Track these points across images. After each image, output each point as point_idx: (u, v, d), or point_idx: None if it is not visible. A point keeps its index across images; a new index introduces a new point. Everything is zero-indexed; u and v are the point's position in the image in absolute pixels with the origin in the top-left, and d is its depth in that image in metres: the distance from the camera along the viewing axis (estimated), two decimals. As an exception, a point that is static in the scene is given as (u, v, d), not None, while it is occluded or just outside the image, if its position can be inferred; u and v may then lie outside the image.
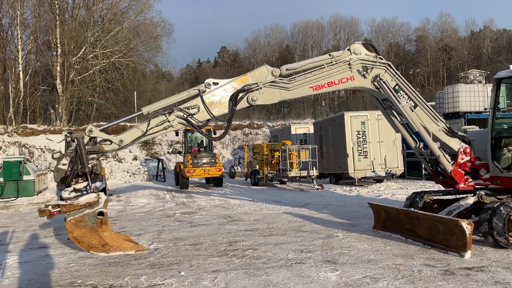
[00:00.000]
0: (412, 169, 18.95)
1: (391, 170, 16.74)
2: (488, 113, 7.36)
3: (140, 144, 27.23)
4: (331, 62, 6.93)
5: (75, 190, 5.39)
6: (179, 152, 20.95)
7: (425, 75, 57.10)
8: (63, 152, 20.91)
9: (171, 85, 56.41)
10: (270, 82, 6.62)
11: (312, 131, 21.61)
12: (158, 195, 16.42)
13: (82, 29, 31.95)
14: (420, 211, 6.91)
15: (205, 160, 18.15)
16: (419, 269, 5.28)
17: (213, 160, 18.30)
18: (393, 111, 7.63)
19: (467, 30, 64.80)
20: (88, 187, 5.44)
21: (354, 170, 16.76)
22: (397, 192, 13.77)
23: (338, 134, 17.58)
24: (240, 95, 6.45)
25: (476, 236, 6.50)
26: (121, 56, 32.24)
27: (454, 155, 7.28)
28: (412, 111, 7.17)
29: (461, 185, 7.20)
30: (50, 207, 5.22)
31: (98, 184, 5.60)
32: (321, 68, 6.86)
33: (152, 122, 6.17)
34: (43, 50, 31.97)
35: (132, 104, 31.83)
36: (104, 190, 14.60)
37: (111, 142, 5.94)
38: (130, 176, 24.63)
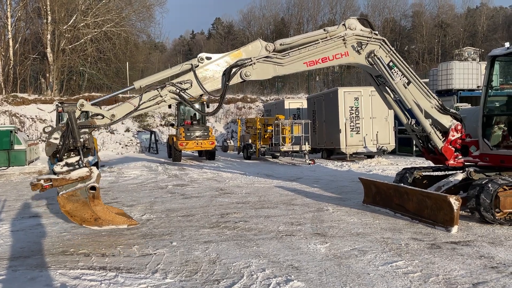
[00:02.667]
0: (403, 146, 19.11)
1: (382, 146, 16.86)
2: (480, 91, 7.39)
3: (132, 116, 27.03)
4: (326, 38, 6.85)
5: (67, 164, 5.37)
6: (172, 125, 20.88)
7: (419, 52, 56.84)
8: (53, 123, 20.69)
9: (164, 56, 55.62)
10: (264, 57, 6.53)
11: (305, 106, 21.57)
12: (150, 167, 16.45)
13: (72, -4, 31.10)
14: (410, 187, 7.02)
15: (197, 133, 18.11)
16: (407, 243, 5.39)
17: (205, 133, 18.28)
18: (386, 87, 7.63)
19: (463, 7, 64.45)
20: (80, 162, 5.41)
21: (346, 146, 16.85)
22: (388, 168, 13.92)
23: (331, 110, 17.58)
24: (234, 70, 6.37)
25: (463, 212, 6.63)
26: (113, 25, 31.57)
27: (445, 132, 7.34)
28: (406, 87, 7.17)
29: (451, 161, 7.30)
30: (42, 181, 5.21)
31: (90, 158, 5.59)
32: (315, 44, 6.78)
33: (144, 96, 6.11)
34: (33, 17, 31.23)
35: (124, 75, 31.43)
36: (96, 163, 14.58)
37: (103, 116, 5.89)
38: (122, 147, 24.57)
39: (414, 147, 17.68)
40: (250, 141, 19.90)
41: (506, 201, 6.05)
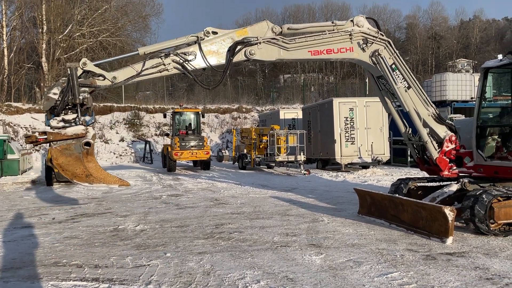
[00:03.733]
0: (398, 156, 19.17)
1: (377, 157, 16.89)
2: (474, 102, 7.45)
3: (127, 126, 26.98)
4: (333, 30, 6.98)
5: (64, 120, 5.31)
6: (167, 135, 20.84)
7: (414, 63, 57.27)
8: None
9: (160, 66, 55.65)
10: (271, 38, 6.60)
11: (300, 116, 21.63)
12: (145, 177, 16.37)
13: (68, 6, 31.16)
14: (405, 197, 7.01)
15: (192, 143, 18.08)
16: (402, 254, 5.38)
17: (201, 143, 18.25)
18: (388, 93, 7.66)
19: (457, 19, 65.06)
20: (77, 119, 5.34)
21: (341, 156, 16.88)
22: (383, 179, 13.94)
23: (326, 120, 17.63)
24: (239, 47, 6.42)
25: (458, 223, 6.63)
26: (109, 35, 31.62)
27: (440, 143, 7.37)
28: (406, 91, 7.25)
29: (445, 172, 7.32)
30: (37, 134, 5.16)
31: (87, 118, 5.49)
32: (322, 34, 6.88)
33: (147, 63, 6.08)
34: (28, 27, 31.20)
35: (120, 85, 31.39)
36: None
37: (104, 78, 5.82)
38: (116, 157, 24.45)
39: (409, 157, 17.74)
40: (245, 151, 19.88)
41: (501, 212, 6.06)
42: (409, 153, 17.43)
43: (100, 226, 7.45)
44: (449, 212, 5.80)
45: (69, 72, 5.37)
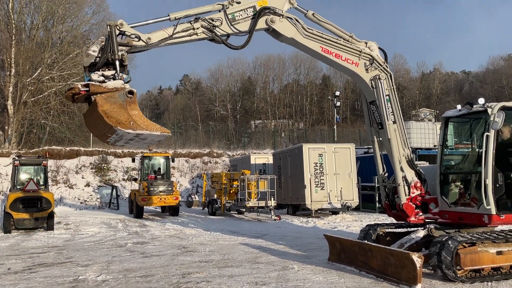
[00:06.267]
0: (366, 202, 19.39)
1: (346, 202, 17.02)
2: (437, 149, 7.72)
3: (94, 170, 26.31)
4: (348, 40, 7.53)
5: (103, 76, 5.56)
6: (135, 179, 20.40)
7: (379, 112, 59.40)
8: (9, 176, 19.52)
9: (130, 110, 55.45)
10: (294, 18, 7.17)
11: (271, 161, 21.76)
12: (110, 224, 15.79)
13: (39, 50, 31.02)
14: (373, 244, 7.02)
15: (161, 188, 17.72)
16: (372, 302, 5.30)
17: (169, 188, 17.91)
18: (376, 131, 7.94)
19: (418, 71, 68.67)
20: (116, 75, 5.57)
21: (311, 202, 16.91)
22: (352, 224, 13.98)
23: (296, 165, 17.79)
24: (264, 12, 6.93)
25: (426, 269, 6.65)
26: (79, 79, 31.41)
27: (409, 187, 7.54)
28: (392, 124, 7.64)
29: (412, 218, 7.42)
30: (79, 85, 5.36)
31: (124, 76, 5.72)
32: (338, 38, 7.46)
33: (179, 27, 6.39)
34: (-5, 69, 30.73)
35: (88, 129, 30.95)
36: (51, 216, 13.85)
37: (139, 39, 6.06)
38: (81, 203, 23.61)
39: (377, 203, 17.95)
40: (215, 196, 19.62)
41: (466, 258, 6.13)
42: (377, 199, 17.68)
43: (59, 277, 7.05)
44: (416, 259, 5.83)
45: (108, 30, 5.77)
